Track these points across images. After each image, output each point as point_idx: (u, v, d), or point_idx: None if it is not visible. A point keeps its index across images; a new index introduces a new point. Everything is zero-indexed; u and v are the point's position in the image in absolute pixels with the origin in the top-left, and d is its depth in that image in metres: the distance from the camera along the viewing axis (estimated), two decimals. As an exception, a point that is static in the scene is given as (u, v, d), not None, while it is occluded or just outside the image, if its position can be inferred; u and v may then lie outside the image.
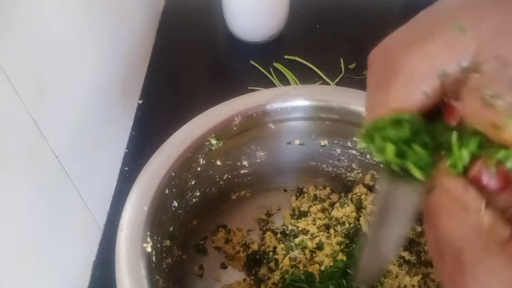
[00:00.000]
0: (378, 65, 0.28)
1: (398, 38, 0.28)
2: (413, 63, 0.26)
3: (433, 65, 0.25)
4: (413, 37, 0.27)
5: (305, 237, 0.56)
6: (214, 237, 0.58)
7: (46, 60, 0.44)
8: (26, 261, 0.42)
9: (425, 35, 0.26)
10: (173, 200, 0.50)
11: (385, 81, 0.27)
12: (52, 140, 0.45)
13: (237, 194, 0.61)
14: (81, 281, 0.54)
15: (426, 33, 0.26)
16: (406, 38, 0.27)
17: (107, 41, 0.60)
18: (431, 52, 0.26)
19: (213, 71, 0.82)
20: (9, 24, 0.37)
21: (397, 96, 0.26)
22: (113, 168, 0.64)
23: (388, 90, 0.26)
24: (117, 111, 0.65)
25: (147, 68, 0.79)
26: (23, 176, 0.40)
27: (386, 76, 0.27)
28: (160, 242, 0.47)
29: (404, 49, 0.26)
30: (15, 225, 0.39)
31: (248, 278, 0.55)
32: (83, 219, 0.54)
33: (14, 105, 0.38)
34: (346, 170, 0.60)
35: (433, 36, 0.26)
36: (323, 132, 0.57)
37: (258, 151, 0.57)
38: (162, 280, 0.46)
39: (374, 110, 0.27)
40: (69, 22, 0.48)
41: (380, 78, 0.27)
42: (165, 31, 0.86)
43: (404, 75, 0.26)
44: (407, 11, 1.00)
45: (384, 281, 0.52)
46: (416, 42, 0.26)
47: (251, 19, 0.79)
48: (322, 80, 0.77)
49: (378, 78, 0.28)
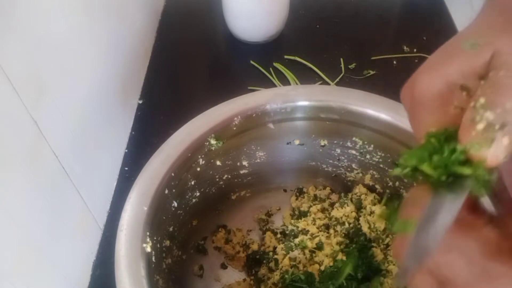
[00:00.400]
0: (407, 100, 0.29)
1: (420, 70, 0.29)
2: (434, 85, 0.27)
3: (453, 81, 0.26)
4: (432, 64, 0.28)
5: (305, 237, 0.56)
6: (214, 237, 0.58)
7: (46, 60, 0.44)
8: (26, 261, 0.42)
9: (443, 60, 0.27)
10: (173, 200, 0.50)
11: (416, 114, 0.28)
12: (52, 140, 0.45)
13: (237, 194, 0.61)
14: (81, 281, 0.54)
15: (443, 58, 0.27)
16: (426, 68, 0.28)
17: (107, 41, 0.60)
18: (448, 71, 0.26)
19: (213, 71, 0.82)
20: (9, 24, 0.37)
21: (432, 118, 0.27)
22: (113, 168, 0.64)
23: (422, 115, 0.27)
24: (117, 111, 0.65)
25: (147, 68, 0.79)
26: (23, 176, 0.40)
27: (415, 109, 0.28)
28: (160, 242, 0.47)
29: (422, 75, 0.27)
30: (15, 225, 0.39)
31: (248, 278, 0.55)
32: (83, 219, 0.54)
33: (14, 105, 0.38)
34: (346, 170, 0.60)
35: (451, 57, 0.27)
36: (323, 132, 0.57)
37: (258, 151, 0.57)
38: (162, 280, 0.46)
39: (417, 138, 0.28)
40: (69, 22, 0.48)
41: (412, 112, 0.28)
42: (165, 31, 0.86)
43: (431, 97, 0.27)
44: (407, 11, 1.01)
45: (384, 281, 0.52)
46: (434, 66, 0.27)
47: (251, 19, 0.79)
48: (322, 80, 0.77)
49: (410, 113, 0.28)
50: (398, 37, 0.87)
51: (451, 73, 0.26)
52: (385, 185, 0.58)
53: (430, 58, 0.28)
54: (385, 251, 0.55)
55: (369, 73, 0.79)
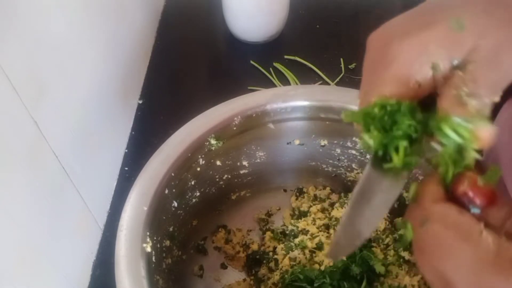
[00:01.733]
0: (374, 50, 0.28)
1: (396, 25, 0.28)
2: (408, 51, 0.26)
3: (427, 56, 0.26)
4: (411, 26, 0.27)
5: (305, 237, 0.56)
6: (214, 237, 0.58)
7: (46, 60, 0.44)
8: (26, 261, 0.42)
9: (423, 25, 0.26)
10: (173, 200, 0.50)
11: (380, 68, 0.27)
12: (52, 140, 0.45)
13: (237, 194, 0.61)
14: (81, 281, 0.54)
15: (424, 23, 0.26)
16: (404, 26, 0.27)
17: (107, 41, 0.60)
18: (426, 43, 0.26)
19: (213, 71, 0.82)
20: (9, 24, 0.37)
21: (391, 83, 0.26)
22: (113, 168, 0.64)
23: (382, 77, 0.27)
24: (117, 111, 0.65)
25: (147, 68, 0.79)
26: (23, 176, 0.40)
27: (382, 63, 0.27)
28: (159, 242, 0.47)
29: (400, 37, 0.27)
30: (15, 225, 0.39)
31: (248, 278, 0.55)
32: (83, 219, 0.54)
33: (14, 105, 0.38)
34: (346, 170, 0.60)
35: (430, 27, 0.26)
36: (323, 132, 0.57)
37: (258, 151, 0.57)
38: (162, 280, 0.46)
39: (367, 96, 0.27)
40: (69, 22, 0.48)
41: (376, 64, 0.28)
42: (165, 31, 0.86)
43: (399, 63, 0.26)
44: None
45: (384, 281, 0.52)
46: (413, 31, 0.26)
47: (251, 19, 0.79)
48: (322, 80, 0.77)
49: (373, 63, 0.28)
50: (398, 37, 0.87)
51: (430, 48, 0.26)
52: (385, 185, 0.58)
53: (408, 16, 0.28)
54: (385, 251, 0.55)
55: (369, 73, 0.78)
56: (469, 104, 0.24)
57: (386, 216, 0.56)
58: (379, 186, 0.26)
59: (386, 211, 0.26)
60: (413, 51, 0.26)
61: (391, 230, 0.56)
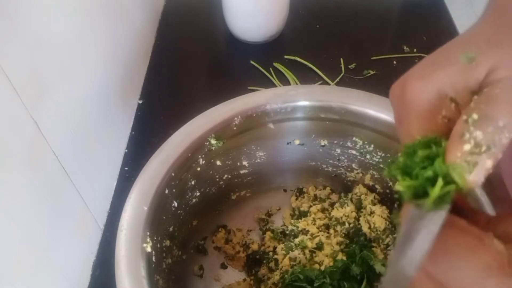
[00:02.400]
0: (395, 100, 0.29)
1: (412, 71, 0.28)
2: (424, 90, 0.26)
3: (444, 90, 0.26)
4: (425, 70, 0.28)
5: (305, 237, 0.56)
6: (214, 237, 0.58)
7: (46, 60, 0.44)
8: (26, 261, 0.42)
9: (436, 66, 0.27)
10: (173, 200, 0.50)
11: (404, 113, 0.27)
12: (52, 140, 0.45)
13: (237, 194, 0.61)
14: (81, 281, 0.54)
15: (436, 64, 0.27)
16: (418, 71, 0.28)
17: (107, 41, 0.60)
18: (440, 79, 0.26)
19: (213, 71, 0.82)
20: (9, 24, 0.37)
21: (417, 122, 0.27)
22: (113, 168, 0.64)
23: (408, 119, 0.27)
24: (117, 111, 0.65)
25: (147, 68, 0.79)
26: (23, 176, 0.40)
27: (403, 109, 0.27)
28: (160, 242, 0.47)
29: (414, 79, 0.27)
30: (15, 225, 0.39)
31: (248, 278, 0.55)
32: (83, 219, 0.54)
33: (14, 105, 0.38)
34: (346, 170, 0.60)
35: (442, 66, 0.26)
36: (323, 132, 0.57)
37: (258, 151, 0.57)
38: (162, 280, 0.46)
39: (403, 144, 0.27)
40: (69, 22, 0.48)
41: (399, 111, 0.28)
42: (165, 31, 0.86)
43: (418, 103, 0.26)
44: (407, 11, 1.01)
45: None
46: (426, 74, 0.27)
47: (251, 19, 0.79)
48: (322, 80, 0.77)
49: (398, 113, 0.28)
50: (398, 37, 0.87)
51: (443, 83, 0.26)
52: (385, 185, 0.58)
53: (424, 61, 0.28)
54: (385, 251, 0.55)
55: (369, 73, 0.79)
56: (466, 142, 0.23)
57: (386, 216, 0.56)
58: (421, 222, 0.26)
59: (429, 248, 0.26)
60: (429, 88, 0.26)
61: (391, 230, 0.56)
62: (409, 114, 0.27)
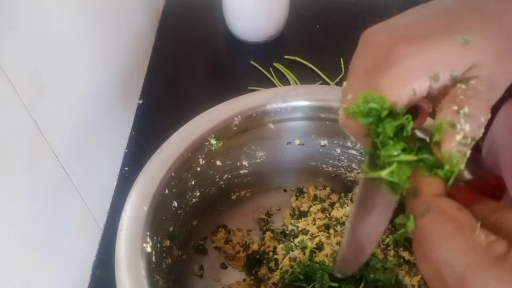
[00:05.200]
0: (372, 49, 0.28)
1: (399, 27, 0.28)
2: (412, 58, 0.26)
3: (428, 66, 0.26)
4: (416, 31, 0.27)
5: (305, 237, 0.56)
6: (214, 237, 0.58)
7: (46, 60, 0.44)
8: (26, 261, 0.42)
9: (428, 34, 0.27)
10: (173, 200, 0.50)
11: (378, 68, 0.27)
12: (52, 140, 0.45)
13: (237, 194, 0.61)
14: (81, 281, 0.54)
15: (429, 31, 0.27)
16: (408, 30, 0.27)
17: (107, 41, 0.60)
18: (430, 53, 0.26)
19: (213, 71, 0.82)
20: (9, 24, 0.37)
21: (387, 86, 0.26)
22: (113, 168, 0.64)
23: (379, 77, 0.27)
24: (117, 111, 0.65)
25: (147, 68, 0.79)
26: (23, 176, 0.40)
27: (380, 64, 0.27)
28: (160, 242, 0.47)
29: (406, 42, 0.27)
30: (15, 225, 0.39)
31: (248, 278, 0.55)
32: (83, 219, 0.54)
33: (14, 105, 0.38)
34: (346, 170, 0.60)
35: (436, 37, 0.26)
36: (323, 132, 0.57)
37: (258, 151, 0.57)
38: (162, 280, 0.46)
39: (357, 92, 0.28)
40: (69, 22, 0.48)
41: (372, 63, 0.28)
42: (165, 31, 0.86)
43: (399, 68, 0.26)
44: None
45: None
46: (418, 38, 0.27)
47: (251, 19, 0.79)
48: (322, 80, 0.77)
49: (369, 62, 0.28)
50: (398, 37, 0.87)
51: (434, 57, 0.26)
52: (385, 185, 0.58)
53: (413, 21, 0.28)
54: (385, 251, 0.55)
55: (369, 73, 0.78)
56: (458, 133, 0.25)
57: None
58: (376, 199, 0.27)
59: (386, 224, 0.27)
60: (417, 58, 0.26)
61: (391, 230, 0.56)
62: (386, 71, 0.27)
